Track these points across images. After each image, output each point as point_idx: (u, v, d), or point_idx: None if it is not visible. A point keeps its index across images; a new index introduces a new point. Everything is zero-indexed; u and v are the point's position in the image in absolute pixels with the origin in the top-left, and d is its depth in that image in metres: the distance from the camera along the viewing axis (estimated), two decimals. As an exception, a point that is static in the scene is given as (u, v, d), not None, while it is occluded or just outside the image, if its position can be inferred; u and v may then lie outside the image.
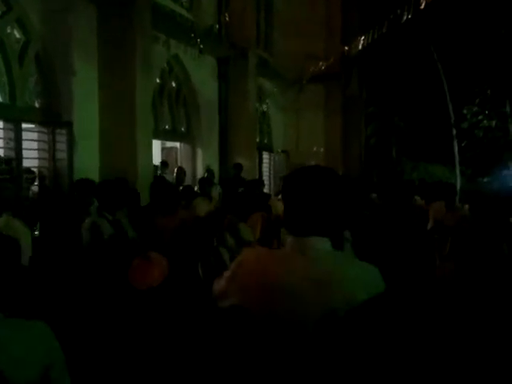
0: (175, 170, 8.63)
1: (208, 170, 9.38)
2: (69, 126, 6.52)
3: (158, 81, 8.85)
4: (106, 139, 7.08)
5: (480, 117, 19.57)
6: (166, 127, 9.40)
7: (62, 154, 6.53)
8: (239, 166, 9.02)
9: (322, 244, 1.44)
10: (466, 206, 5.83)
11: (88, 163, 6.85)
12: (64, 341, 1.55)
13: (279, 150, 13.11)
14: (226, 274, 1.58)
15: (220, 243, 4.05)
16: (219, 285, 1.59)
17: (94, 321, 3.84)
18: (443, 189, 6.51)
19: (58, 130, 6.50)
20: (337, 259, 1.46)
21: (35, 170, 6.57)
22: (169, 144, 10.37)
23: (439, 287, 4.61)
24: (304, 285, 1.38)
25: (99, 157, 7.08)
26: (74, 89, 6.70)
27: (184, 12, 9.31)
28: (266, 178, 12.53)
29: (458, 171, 21.19)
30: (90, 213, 4.56)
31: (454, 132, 20.90)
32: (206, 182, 7.31)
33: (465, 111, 19.94)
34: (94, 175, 6.88)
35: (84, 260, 4.17)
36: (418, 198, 7.36)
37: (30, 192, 6.80)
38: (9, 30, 6.17)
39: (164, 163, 9.07)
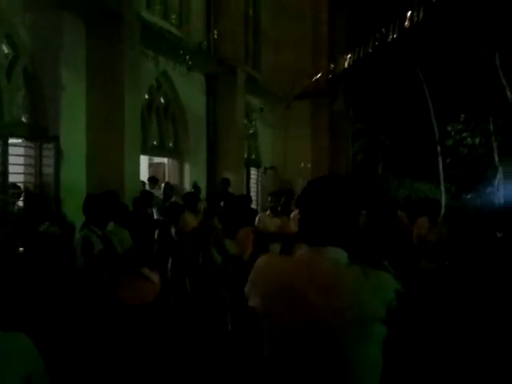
0: (162, 185, 8.62)
1: (195, 185, 9.38)
2: (55, 140, 6.49)
3: (146, 97, 8.88)
4: (93, 154, 7.06)
5: (464, 134, 19.90)
6: (154, 143, 9.41)
7: (48, 169, 6.49)
8: (226, 181, 9.04)
9: (339, 254, 1.45)
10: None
11: (75, 178, 6.82)
12: (54, 354, 1.54)
13: (267, 166, 13.17)
14: (250, 277, 1.60)
15: (206, 259, 4.05)
16: (247, 286, 1.61)
17: (85, 335, 3.79)
18: (427, 204, 6.59)
19: (44, 145, 6.47)
20: (353, 270, 1.45)
21: (21, 184, 6.51)
22: (156, 160, 10.36)
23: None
24: (311, 291, 1.40)
25: (86, 172, 7.04)
26: (61, 104, 6.69)
27: (173, 29, 9.41)
28: (253, 193, 12.56)
29: (442, 188, 21.46)
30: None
31: (439, 149, 21.23)
32: (192, 196, 7.30)
33: (449, 128, 20.28)
34: (81, 190, 6.83)
35: (75, 275, 4.11)
36: (402, 214, 7.38)
37: (16, 207, 6.73)
38: (-3, 46, 6.18)
39: (153, 179, 9.05)
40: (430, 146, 21.35)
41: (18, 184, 6.44)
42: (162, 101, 9.59)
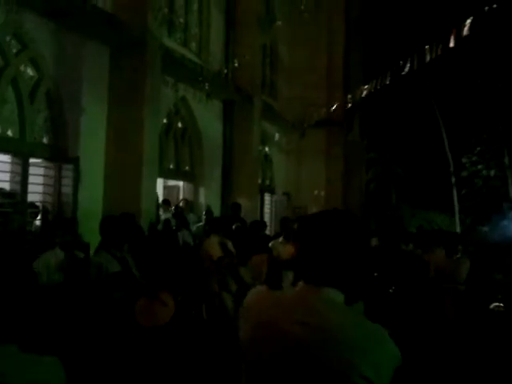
0: (181, 203, 8.75)
1: (207, 210, 9.39)
2: (75, 161, 6.61)
3: (164, 121, 9.04)
4: (111, 176, 7.17)
5: (479, 166, 19.82)
6: (171, 166, 9.52)
7: (67, 189, 6.59)
8: (237, 206, 8.99)
9: (334, 296, 1.36)
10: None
11: (92, 199, 6.91)
12: (72, 375, 1.55)
13: (281, 193, 13.20)
14: (240, 310, 1.55)
15: (223, 287, 4.04)
16: (239, 319, 1.55)
17: (100, 356, 3.77)
18: (444, 236, 6.52)
19: (64, 166, 6.59)
20: (345, 315, 1.35)
21: (39, 204, 6.61)
22: (171, 183, 10.46)
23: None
24: (307, 336, 1.31)
25: (103, 193, 7.14)
26: (82, 126, 6.85)
27: (193, 56, 9.63)
28: (267, 219, 12.56)
29: (457, 219, 21.24)
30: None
31: (454, 180, 21.12)
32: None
33: (464, 160, 20.22)
34: (97, 211, 6.93)
35: (90, 296, 4.11)
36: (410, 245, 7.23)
37: (33, 226, 6.82)
38: (22, 68, 6.38)
39: (166, 201, 9.13)
40: (444, 176, 21.28)
41: (37, 204, 6.54)
42: (180, 125, 9.75)
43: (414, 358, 3.47)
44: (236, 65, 9.95)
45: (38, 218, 6.70)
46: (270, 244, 6.54)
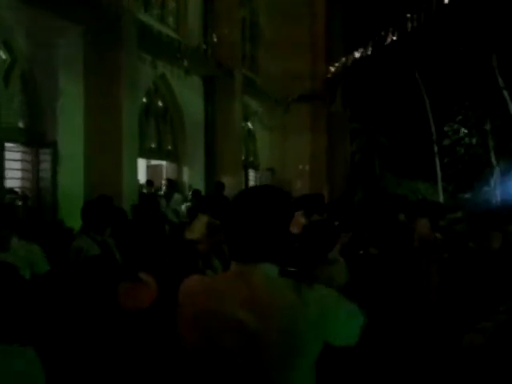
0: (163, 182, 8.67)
1: (194, 190, 9.20)
2: (53, 145, 6.48)
3: (144, 100, 8.87)
4: (90, 158, 7.05)
5: (461, 134, 19.97)
6: (152, 146, 9.40)
7: (45, 174, 6.47)
8: (221, 185, 8.87)
9: (266, 270, 1.34)
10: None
11: (72, 183, 6.80)
12: (51, 364, 1.53)
13: (265, 168, 13.17)
14: (178, 301, 1.49)
15: (206, 266, 4.03)
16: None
17: (81, 343, 3.77)
18: (429, 207, 6.56)
19: (41, 150, 6.45)
20: (284, 287, 1.33)
21: (18, 190, 6.49)
22: (154, 162, 10.35)
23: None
24: (243, 313, 1.29)
25: (83, 176, 7.03)
26: (59, 109, 6.68)
27: (170, 32, 9.39)
28: (251, 195, 12.55)
29: (440, 187, 21.52)
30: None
31: (436, 149, 21.29)
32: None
33: (446, 128, 20.33)
34: (79, 194, 6.83)
35: (70, 281, 4.09)
36: (401, 215, 7.38)
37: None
38: (-6, 51, 6.17)
39: (149, 182, 9.03)
40: (427, 145, 21.42)
41: (16, 189, 6.42)
42: (160, 104, 9.58)
43: (394, 326, 3.53)
44: (215, 39, 9.73)
45: (19, 203, 6.60)
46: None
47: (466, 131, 19.80)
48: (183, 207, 8.50)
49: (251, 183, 12.64)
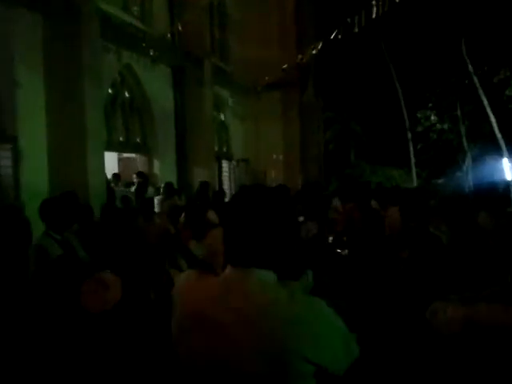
0: (135, 179, 8.46)
1: (167, 183, 8.91)
2: (13, 140, 6.20)
3: (109, 91, 8.61)
4: (54, 153, 6.80)
5: (433, 120, 20.17)
6: (120, 139, 9.16)
7: (6, 171, 6.20)
8: (206, 185, 8.38)
9: (264, 277, 1.27)
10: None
11: (36, 179, 6.55)
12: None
13: (239, 159, 13.03)
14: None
15: (171, 265, 3.89)
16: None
17: (43, 346, 3.61)
18: (399, 195, 6.55)
19: (1, 146, 6.17)
20: (278, 295, 1.25)
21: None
22: (126, 154, 10.10)
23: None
24: (234, 320, 1.23)
25: (48, 172, 6.78)
26: (18, 102, 6.40)
27: (135, 21, 9.12)
28: (226, 187, 12.42)
29: (414, 173, 21.77)
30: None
31: (409, 135, 21.49)
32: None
33: (419, 115, 20.51)
34: (43, 191, 6.58)
35: (31, 284, 3.92)
36: (373, 202, 7.38)
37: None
38: None
39: (116, 175, 8.83)
40: (400, 132, 21.61)
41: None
42: (127, 95, 9.33)
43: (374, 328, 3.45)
44: (180, 28, 9.50)
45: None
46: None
47: (437, 118, 20.00)
48: (155, 200, 8.31)
49: (225, 174, 12.50)
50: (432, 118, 20.05)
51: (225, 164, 12.55)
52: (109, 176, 8.51)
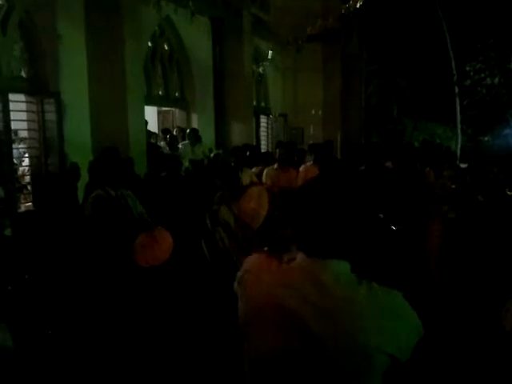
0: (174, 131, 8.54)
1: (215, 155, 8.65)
2: (56, 95, 6.34)
3: (149, 44, 8.58)
4: (96, 107, 6.91)
5: (483, 74, 19.10)
6: (159, 93, 9.19)
7: (51, 124, 6.38)
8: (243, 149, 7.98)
9: (341, 268, 1.26)
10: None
11: (79, 132, 6.72)
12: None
13: (277, 114, 12.86)
14: (238, 276, 1.43)
15: (216, 223, 3.95)
16: (235, 284, 1.44)
17: (97, 300, 3.80)
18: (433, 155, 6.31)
19: (46, 100, 6.33)
20: (357, 290, 1.24)
21: (25, 140, 6.46)
22: (165, 107, 10.15)
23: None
24: (307, 313, 1.22)
25: (90, 125, 6.93)
26: (60, 56, 6.48)
27: (174, -30, 8.89)
28: (263, 142, 12.37)
29: (459, 130, 20.95)
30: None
31: (457, 90, 20.52)
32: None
33: (468, 68, 19.45)
34: (86, 144, 6.78)
35: (86, 235, 4.02)
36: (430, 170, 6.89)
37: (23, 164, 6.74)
38: (-11, -3, 5.91)
39: (165, 130, 8.97)
40: (447, 86, 20.64)
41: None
42: (166, 48, 9.27)
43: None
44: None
45: (26, 155, 6.60)
46: (264, 172, 6.39)
47: (487, 71, 18.91)
48: (180, 146, 8.23)
49: (262, 130, 12.42)
50: (482, 72, 18.97)
51: (263, 119, 12.44)
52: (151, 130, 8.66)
